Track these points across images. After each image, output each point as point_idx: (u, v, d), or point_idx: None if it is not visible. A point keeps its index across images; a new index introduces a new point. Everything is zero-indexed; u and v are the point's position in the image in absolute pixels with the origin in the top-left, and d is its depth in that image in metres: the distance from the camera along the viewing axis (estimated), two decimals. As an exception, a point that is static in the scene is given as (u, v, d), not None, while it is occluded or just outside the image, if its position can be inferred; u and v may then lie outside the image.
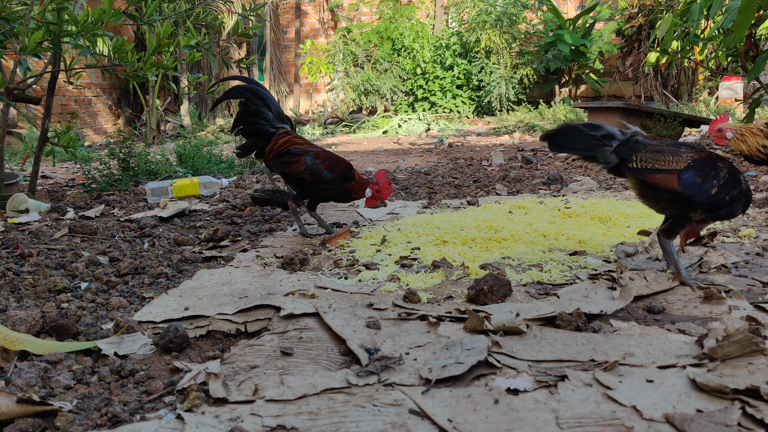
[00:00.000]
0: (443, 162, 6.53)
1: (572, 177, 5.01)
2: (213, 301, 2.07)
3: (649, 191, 2.20)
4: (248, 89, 3.19)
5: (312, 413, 1.35)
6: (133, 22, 4.37)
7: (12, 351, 1.68)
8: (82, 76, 8.05)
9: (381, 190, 3.10)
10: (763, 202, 3.58)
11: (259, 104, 3.14)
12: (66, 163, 7.39)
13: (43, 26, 3.45)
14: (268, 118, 3.14)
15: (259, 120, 3.14)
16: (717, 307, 1.93)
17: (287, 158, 3.05)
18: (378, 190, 3.09)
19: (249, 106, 3.15)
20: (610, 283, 2.22)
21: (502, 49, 11.71)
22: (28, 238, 3.21)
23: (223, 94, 3.30)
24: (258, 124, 3.14)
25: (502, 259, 2.59)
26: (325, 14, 14.44)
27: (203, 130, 11.12)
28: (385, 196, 3.12)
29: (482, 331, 1.76)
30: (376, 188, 3.09)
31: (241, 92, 3.18)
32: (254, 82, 3.29)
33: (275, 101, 3.22)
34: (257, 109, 3.14)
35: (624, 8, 11.51)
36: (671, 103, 10.75)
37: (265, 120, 3.14)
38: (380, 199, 3.12)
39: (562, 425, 1.26)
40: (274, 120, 3.15)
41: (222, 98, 3.35)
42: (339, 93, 12.82)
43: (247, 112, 3.16)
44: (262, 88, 3.22)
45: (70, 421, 1.36)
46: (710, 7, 4.71)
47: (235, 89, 3.22)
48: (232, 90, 3.24)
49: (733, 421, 1.23)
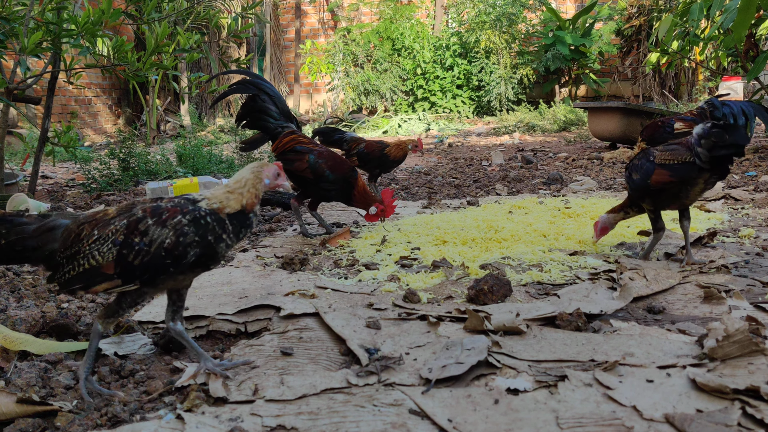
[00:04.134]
0: (443, 162, 6.53)
1: (572, 177, 5.01)
2: (213, 301, 2.07)
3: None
4: (254, 84, 3.14)
5: (312, 413, 1.35)
6: (133, 21, 4.37)
7: (12, 351, 1.68)
8: (82, 76, 8.04)
9: (385, 210, 3.14)
10: (764, 202, 3.58)
11: (265, 100, 3.11)
12: (66, 163, 7.39)
13: (43, 26, 3.45)
14: (274, 115, 3.11)
15: (265, 117, 3.11)
16: (717, 307, 1.93)
17: (291, 156, 3.04)
18: (383, 210, 3.13)
19: (256, 101, 3.11)
20: (610, 283, 2.22)
21: (501, 49, 11.72)
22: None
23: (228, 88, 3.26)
24: (264, 120, 3.11)
25: (502, 259, 2.59)
26: (325, 14, 14.44)
27: (203, 129, 11.12)
28: (387, 215, 3.17)
29: (482, 331, 1.75)
30: (381, 208, 3.13)
31: (248, 87, 3.14)
32: (259, 77, 3.25)
33: (281, 97, 3.19)
34: (263, 106, 3.10)
35: (623, 8, 11.51)
36: (671, 104, 10.74)
37: (271, 117, 3.11)
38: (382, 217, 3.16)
39: (562, 425, 1.26)
40: (280, 118, 3.12)
41: (227, 93, 3.28)
42: (339, 93, 12.82)
43: (253, 108, 3.11)
44: (267, 83, 3.17)
45: (70, 421, 1.36)
46: (710, 7, 4.71)
47: (242, 83, 3.18)
48: (239, 84, 3.19)
49: (733, 421, 1.23)
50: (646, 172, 2.39)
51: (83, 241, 1.44)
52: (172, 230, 1.43)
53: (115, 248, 1.42)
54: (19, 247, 1.44)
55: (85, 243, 1.44)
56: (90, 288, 1.44)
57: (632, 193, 2.52)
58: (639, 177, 2.42)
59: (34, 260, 1.49)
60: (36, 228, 1.46)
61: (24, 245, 1.45)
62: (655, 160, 2.36)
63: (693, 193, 2.37)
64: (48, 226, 1.47)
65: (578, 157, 6.27)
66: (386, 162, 4.06)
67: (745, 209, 3.45)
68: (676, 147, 2.35)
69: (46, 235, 1.46)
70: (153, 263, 1.42)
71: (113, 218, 1.46)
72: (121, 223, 1.44)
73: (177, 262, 1.44)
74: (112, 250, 1.42)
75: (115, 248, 1.42)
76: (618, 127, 6.63)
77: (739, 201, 3.69)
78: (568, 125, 9.58)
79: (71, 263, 1.44)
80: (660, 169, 2.34)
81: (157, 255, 1.42)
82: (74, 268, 1.44)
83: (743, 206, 3.53)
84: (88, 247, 1.43)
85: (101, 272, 1.42)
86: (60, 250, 1.46)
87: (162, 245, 1.42)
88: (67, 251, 1.45)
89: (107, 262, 1.42)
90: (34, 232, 1.46)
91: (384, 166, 4.10)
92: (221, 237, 1.47)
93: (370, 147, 4.05)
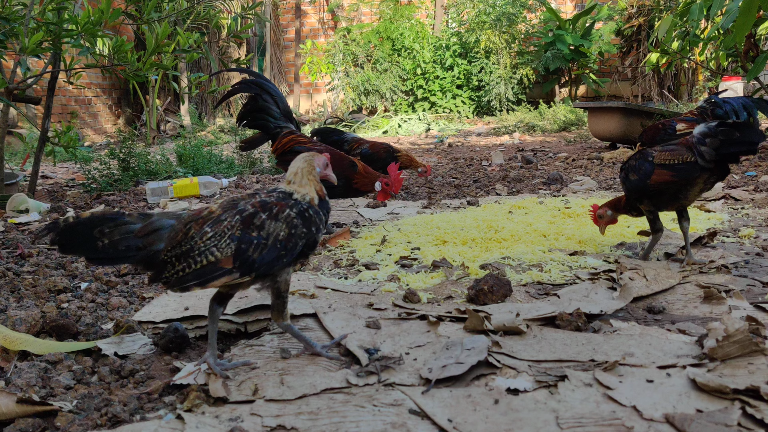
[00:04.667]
0: (443, 162, 6.53)
1: (572, 177, 5.01)
2: (213, 301, 2.07)
3: None
4: (256, 83, 3.17)
5: (312, 413, 1.35)
6: (133, 21, 4.37)
7: (12, 351, 1.68)
8: (82, 76, 8.04)
9: (391, 184, 3.04)
10: (764, 202, 3.58)
11: (267, 100, 3.13)
12: (66, 163, 7.39)
13: (43, 26, 3.45)
14: (275, 115, 3.14)
15: (266, 116, 3.13)
16: (717, 307, 1.93)
17: (290, 156, 3.05)
18: (388, 183, 3.03)
19: (257, 101, 3.13)
20: (610, 283, 2.22)
21: (501, 49, 11.72)
22: (28, 238, 3.21)
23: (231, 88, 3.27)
24: (264, 120, 3.14)
25: (502, 259, 2.59)
26: (325, 14, 14.44)
27: (203, 130, 11.11)
28: (395, 190, 3.04)
29: (482, 331, 1.76)
30: (386, 181, 3.03)
31: (251, 86, 3.17)
32: (261, 76, 3.28)
33: (283, 98, 3.21)
34: (265, 105, 3.12)
35: (623, 8, 11.51)
36: (671, 104, 10.74)
37: (272, 117, 3.13)
38: (392, 192, 3.06)
39: (562, 425, 1.26)
40: (280, 118, 3.15)
41: (230, 92, 3.30)
42: (339, 93, 12.82)
43: (255, 107, 3.13)
44: (269, 83, 3.20)
45: (70, 421, 1.36)
46: (710, 7, 4.71)
47: (245, 83, 3.20)
48: (242, 83, 3.22)
49: (733, 421, 1.23)
50: (645, 172, 2.36)
51: (194, 239, 1.47)
52: (284, 223, 1.52)
53: (233, 243, 1.47)
54: (122, 247, 1.44)
55: (199, 241, 1.47)
56: (207, 283, 1.47)
57: (629, 194, 2.50)
58: (637, 178, 2.40)
59: (135, 260, 1.48)
60: (141, 228, 1.47)
61: (128, 245, 1.44)
62: (654, 161, 2.34)
63: (692, 194, 2.36)
64: (154, 227, 1.48)
65: (578, 157, 6.27)
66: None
67: (745, 209, 3.45)
68: (675, 147, 2.34)
69: (152, 235, 1.47)
70: (269, 255, 1.50)
71: (221, 215, 1.51)
72: (235, 219, 1.50)
73: (290, 254, 1.53)
74: (230, 245, 1.47)
75: (233, 243, 1.47)
76: (618, 127, 6.63)
77: (739, 201, 3.69)
78: (568, 125, 9.58)
79: (184, 261, 1.46)
80: (660, 170, 2.32)
81: (273, 247, 1.50)
82: (189, 265, 1.45)
83: (743, 206, 3.53)
84: (203, 244, 1.47)
85: (219, 267, 1.46)
86: (167, 249, 1.47)
87: (277, 238, 1.51)
88: (176, 250, 1.47)
89: (225, 257, 1.47)
90: (140, 232, 1.46)
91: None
92: (319, 227, 1.60)
93: (375, 148, 3.97)
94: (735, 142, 2.20)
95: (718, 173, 2.31)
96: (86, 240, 1.42)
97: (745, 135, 2.18)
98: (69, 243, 1.42)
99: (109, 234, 1.43)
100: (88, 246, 1.42)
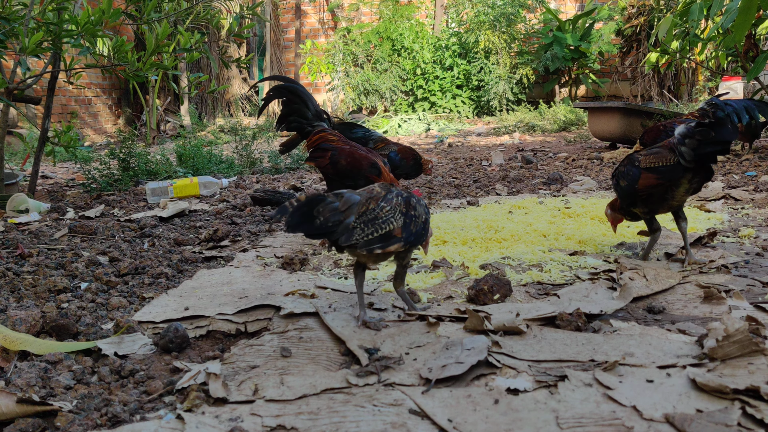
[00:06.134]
0: (443, 162, 6.53)
1: (572, 177, 5.01)
2: (213, 301, 2.07)
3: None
4: (289, 89, 3.35)
5: (312, 413, 1.35)
6: (133, 21, 4.37)
7: (12, 351, 1.68)
8: (82, 76, 8.04)
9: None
10: (764, 202, 3.58)
11: (299, 103, 3.32)
12: (66, 163, 7.39)
13: (43, 26, 3.45)
14: (308, 116, 3.32)
15: (299, 119, 3.32)
16: (717, 307, 1.93)
17: (317, 153, 3.18)
18: None
19: (290, 105, 3.33)
20: (610, 283, 2.22)
21: (500, 50, 11.72)
22: (28, 238, 3.21)
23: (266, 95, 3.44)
24: (298, 122, 3.32)
25: (502, 259, 2.59)
26: (325, 14, 14.44)
27: (203, 130, 11.12)
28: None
29: (482, 331, 1.76)
30: None
31: (282, 92, 3.35)
32: (293, 81, 3.46)
33: (314, 99, 3.39)
34: (298, 108, 3.32)
35: (623, 8, 11.51)
36: (671, 104, 10.74)
37: (305, 119, 3.32)
38: None
39: (562, 425, 1.26)
40: (312, 118, 3.33)
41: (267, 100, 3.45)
42: (339, 93, 12.82)
43: (290, 111, 3.34)
44: (301, 87, 3.38)
45: (70, 421, 1.36)
46: (710, 7, 4.71)
47: (277, 89, 3.38)
48: (275, 90, 3.39)
49: (733, 421, 1.23)
50: (632, 177, 2.40)
51: (376, 211, 1.78)
52: (422, 209, 1.91)
53: (401, 217, 1.82)
54: (331, 222, 1.70)
55: (380, 212, 1.78)
56: (387, 247, 1.78)
57: (622, 200, 2.52)
58: (626, 183, 2.43)
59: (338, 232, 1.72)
60: (342, 203, 1.74)
61: (335, 219, 1.71)
62: (641, 165, 2.37)
63: (678, 195, 2.38)
64: (350, 202, 1.75)
65: (578, 157, 6.27)
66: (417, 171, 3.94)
67: (745, 209, 3.45)
68: (659, 150, 2.36)
69: (349, 209, 1.74)
70: (418, 231, 1.86)
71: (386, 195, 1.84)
72: (399, 199, 1.85)
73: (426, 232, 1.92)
74: (399, 219, 1.81)
75: (401, 218, 1.82)
76: (618, 127, 6.63)
77: (739, 201, 3.69)
78: (568, 125, 9.58)
79: (371, 228, 1.76)
80: (646, 173, 2.35)
81: (419, 225, 1.87)
82: (376, 231, 1.76)
83: (743, 206, 3.53)
84: (384, 215, 1.78)
85: (393, 235, 1.79)
86: (356, 219, 1.75)
87: (421, 218, 1.88)
88: (363, 218, 1.76)
89: (398, 227, 1.80)
90: (342, 206, 1.73)
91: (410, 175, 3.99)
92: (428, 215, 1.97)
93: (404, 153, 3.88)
94: (710, 142, 2.21)
95: (702, 173, 2.32)
96: (309, 219, 1.68)
97: (719, 134, 2.19)
98: (297, 223, 1.66)
99: (323, 212, 1.69)
100: (310, 223, 1.68)
